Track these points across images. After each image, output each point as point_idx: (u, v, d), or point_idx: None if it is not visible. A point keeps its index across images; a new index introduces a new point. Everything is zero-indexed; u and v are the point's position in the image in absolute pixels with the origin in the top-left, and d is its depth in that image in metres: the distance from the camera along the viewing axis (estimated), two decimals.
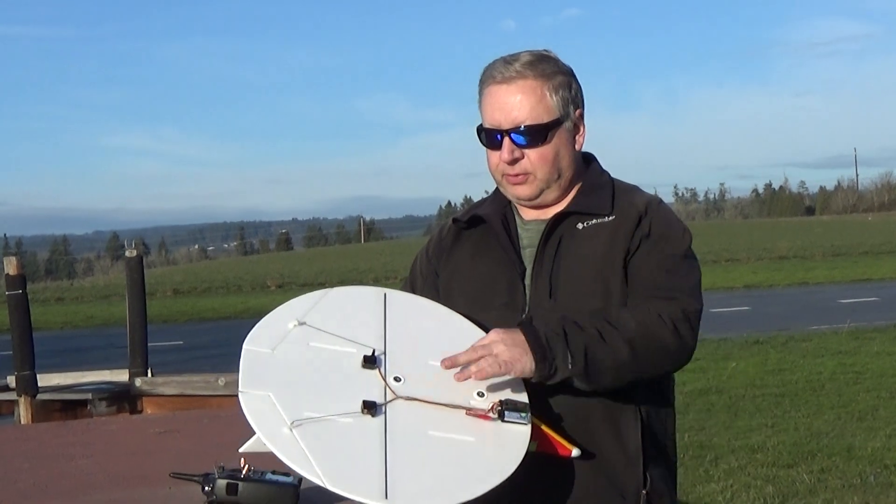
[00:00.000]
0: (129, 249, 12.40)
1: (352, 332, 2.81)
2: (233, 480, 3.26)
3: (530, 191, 2.93)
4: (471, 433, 2.66)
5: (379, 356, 2.74)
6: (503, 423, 2.67)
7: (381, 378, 2.70)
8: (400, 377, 2.72)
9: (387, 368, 2.73)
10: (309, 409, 2.62)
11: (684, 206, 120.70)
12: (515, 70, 2.86)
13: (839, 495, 8.47)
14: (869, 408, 12.27)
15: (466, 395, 2.70)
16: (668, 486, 2.92)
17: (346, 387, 2.68)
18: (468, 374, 2.64)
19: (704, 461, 9.79)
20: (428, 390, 2.70)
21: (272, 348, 2.75)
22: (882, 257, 45.50)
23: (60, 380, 11.61)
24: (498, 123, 2.88)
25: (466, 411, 2.68)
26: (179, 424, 5.46)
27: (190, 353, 23.57)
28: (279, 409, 2.61)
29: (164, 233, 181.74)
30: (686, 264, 2.88)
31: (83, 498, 3.76)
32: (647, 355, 2.74)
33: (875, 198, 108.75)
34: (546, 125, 2.86)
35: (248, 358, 2.72)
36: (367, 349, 2.74)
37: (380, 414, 2.64)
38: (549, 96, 2.87)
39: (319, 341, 2.78)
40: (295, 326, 2.80)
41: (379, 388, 2.68)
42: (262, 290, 45.60)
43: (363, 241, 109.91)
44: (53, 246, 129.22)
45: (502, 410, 2.66)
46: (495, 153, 2.91)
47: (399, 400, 2.67)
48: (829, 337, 19.38)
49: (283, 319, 2.83)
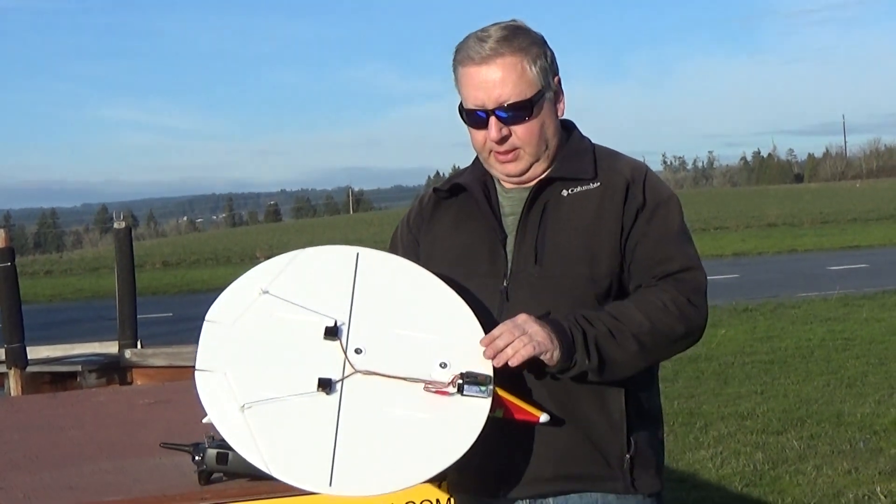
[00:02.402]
0: (118, 221, 12.35)
1: (318, 299, 2.73)
2: (223, 450, 3.25)
3: (520, 167, 2.91)
4: (427, 410, 2.61)
5: (341, 327, 2.67)
6: (462, 396, 2.62)
7: (341, 351, 2.65)
8: (361, 348, 2.66)
9: (349, 339, 2.67)
10: (264, 388, 2.58)
11: (673, 175, 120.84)
12: (490, 48, 2.83)
13: (829, 461, 8.50)
14: (858, 374, 12.30)
15: (428, 366, 2.66)
16: (653, 450, 2.93)
17: (305, 361, 2.63)
18: (505, 359, 2.63)
19: (694, 428, 9.81)
20: (388, 362, 2.64)
21: (233, 321, 2.69)
22: (870, 224, 45.58)
23: (50, 352, 11.59)
24: (482, 103, 2.86)
25: (425, 386, 2.63)
26: (169, 395, 5.45)
27: (179, 324, 23.48)
28: (233, 390, 2.58)
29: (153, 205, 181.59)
30: (685, 234, 2.90)
31: (74, 468, 3.76)
32: (656, 346, 2.79)
33: (863, 165, 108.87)
34: (530, 100, 2.85)
35: (207, 333, 2.68)
36: (329, 320, 2.68)
37: (335, 392, 2.59)
38: (529, 69, 2.86)
39: (283, 311, 2.70)
40: (259, 296, 2.73)
41: (339, 362, 2.64)
42: (251, 261, 45.23)
43: (352, 211, 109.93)
44: (42, 219, 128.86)
45: (462, 384, 2.62)
46: (480, 132, 2.89)
47: (357, 374, 2.62)
48: (818, 304, 19.42)
49: (248, 288, 2.76)
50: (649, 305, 2.76)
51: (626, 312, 2.75)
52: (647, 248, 2.84)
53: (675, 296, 2.79)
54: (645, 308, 2.76)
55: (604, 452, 2.83)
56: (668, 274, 2.83)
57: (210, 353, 2.65)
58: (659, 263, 2.83)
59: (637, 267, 2.84)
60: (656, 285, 2.82)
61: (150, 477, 3.49)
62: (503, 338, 2.64)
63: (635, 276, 2.85)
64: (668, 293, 2.79)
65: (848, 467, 8.26)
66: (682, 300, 2.79)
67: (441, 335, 2.70)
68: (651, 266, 2.83)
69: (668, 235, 2.87)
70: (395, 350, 2.67)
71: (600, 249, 2.83)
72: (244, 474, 3.27)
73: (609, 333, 2.72)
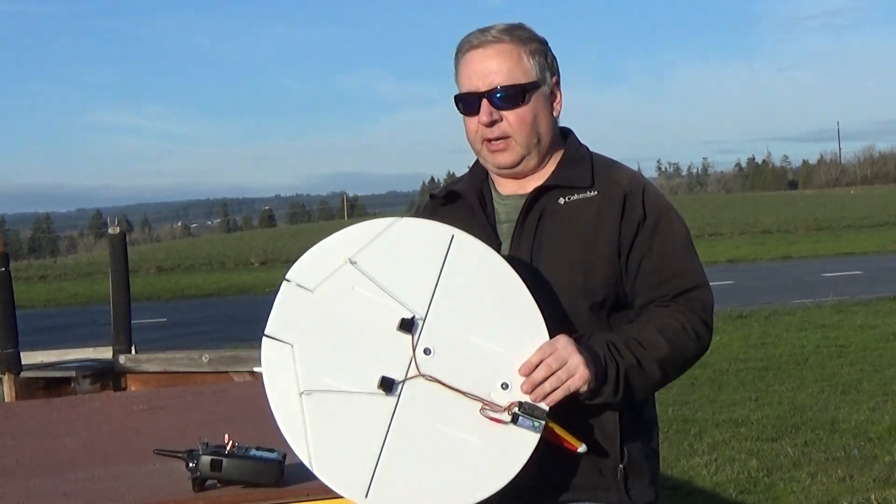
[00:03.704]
0: (112, 227, 12.32)
1: (402, 282, 2.62)
2: (217, 456, 3.24)
3: (511, 158, 2.91)
4: (478, 435, 2.58)
5: (417, 321, 2.59)
6: (514, 426, 2.59)
7: (410, 348, 2.59)
8: (430, 349, 2.60)
9: (421, 335, 2.59)
10: (326, 374, 2.54)
11: (667, 181, 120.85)
12: (492, 35, 2.87)
13: (823, 468, 8.50)
14: (852, 381, 12.31)
15: (491, 383, 2.61)
16: (648, 460, 2.92)
17: (372, 351, 2.57)
18: (542, 395, 2.62)
19: (688, 435, 9.82)
20: (453, 371, 2.59)
21: (314, 286, 2.59)
22: (865, 231, 45.65)
23: (44, 357, 11.52)
24: (475, 87, 2.87)
25: (481, 408, 2.59)
26: (163, 401, 5.45)
27: (174, 329, 23.54)
28: (296, 369, 2.53)
29: (147, 210, 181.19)
30: (691, 248, 2.93)
31: (67, 475, 3.75)
32: (674, 371, 2.83)
33: (858, 171, 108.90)
34: (523, 86, 2.86)
35: (286, 294, 2.58)
36: (407, 312, 2.59)
37: (394, 394, 2.55)
38: (526, 59, 2.87)
39: (364, 287, 2.60)
40: (345, 264, 2.62)
41: (404, 360, 2.58)
42: (246, 266, 45.54)
43: (346, 217, 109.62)
44: (36, 224, 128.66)
45: (517, 415, 2.59)
46: (473, 119, 2.90)
47: (420, 379, 2.58)
48: (813, 311, 19.45)
49: (335, 252, 2.64)
50: (670, 330, 2.79)
51: (650, 338, 2.77)
52: (654, 262, 2.84)
53: (691, 317, 2.82)
54: (667, 333, 2.78)
55: (597, 463, 2.83)
56: (679, 292, 2.84)
57: (283, 319, 2.57)
58: (669, 280, 2.84)
59: (644, 282, 2.84)
60: (670, 305, 2.83)
61: (144, 484, 3.49)
62: (541, 371, 2.61)
63: (643, 290, 2.85)
64: (685, 314, 2.82)
65: (842, 474, 8.26)
66: (696, 321, 2.83)
67: (511, 350, 2.64)
68: (660, 282, 2.84)
69: (675, 250, 2.88)
70: (463, 358, 2.61)
71: (596, 259, 2.82)
72: (238, 481, 3.27)
73: (637, 364, 2.74)
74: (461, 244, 2.68)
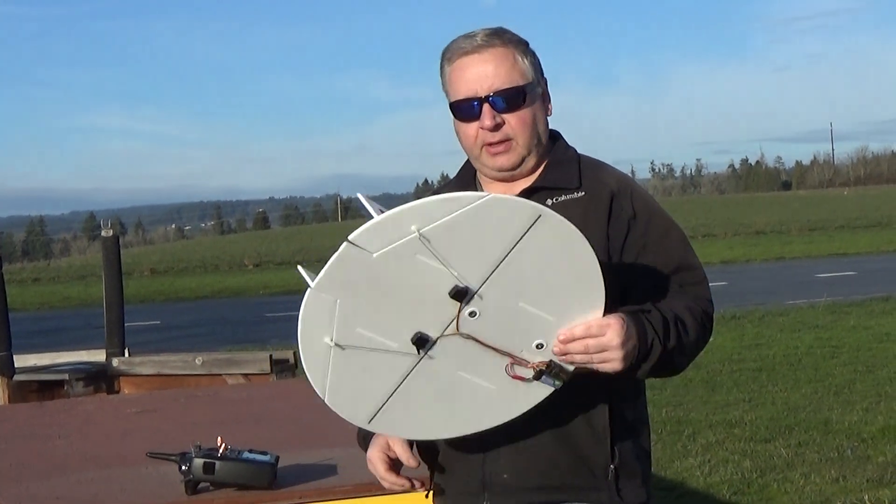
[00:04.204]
0: (106, 229, 12.33)
1: (467, 255, 2.50)
2: (209, 459, 3.24)
3: (513, 159, 2.90)
4: (495, 381, 2.59)
5: (471, 291, 2.51)
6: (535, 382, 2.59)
7: (456, 311, 2.52)
8: (476, 311, 2.53)
9: (471, 302, 2.52)
10: (363, 326, 2.51)
11: (661, 182, 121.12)
12: (482, 39, 2.84)
13: (816, 469, 8.51)
14: (846, 382, 12.33)
15: (526, 342, 2.57)
16: (639, 460, 2.91)
17: (418, 312, 2.53)
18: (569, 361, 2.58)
19: (682, 436, 9.81)
20: (493, 331, 2.55)
21: (376, 250, 2.50)
22: (858, 231, 45.73)
23: (37, 360, 11.53)
24: (474, 92, 2.85)
25: (508, 364, 2.57)
26: (157, 404, 5.45)
27: (167, 332, 23.52)
28: (334, 322, 2.50)
29: (140, 213, 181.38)
30: (687, 242, 2.92)
31: (60, 478, 3.75)
32: (687, 359, 2.81)
33: (851, 172, 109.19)
34: (523, 87, 2.85)
35: (343, 256, 2.50)
36: (463, 282, 2.49)
37: (427, 348, 2.53)
38: (521, 60, 2.86)
39: (426, 257, 2.50)
40: (411, 236, 2.48)
41: (447, 320, 2.53)
42: (240, 269, 45.55)
43: (340, 219, 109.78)
44: (29, 226, 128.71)
45: (541, 372, 2.57)
46: (472, 125, 2.88)
47: (456, 336, 2.54)
48: (806, 311, 19.48)
49: (408, 222, 2.51)
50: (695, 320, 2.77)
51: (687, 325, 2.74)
52: (652, 256, 2.84)
53: (701, 310, 2.81)
54: (695, 325, 2.76)
55: (588, 463, 2.82)
56: (688, 285, 2.85)
57: (333, 278, 2.50)
58: (676, 272, 2.85)
59: (645, 277, 2.83)
60: (681, 295, 2.83)
61: (137, 487, 3.49)
62: (577, 345, 2.56)
63: (643, 283, 2.83)
64: (698, 308, 2.80)
65: (836, 475, 8.27)
66: (706, 317, 2.82)
67: (560, 318, 2.58)
68: (664, 276, 2.83)
69: (676, 245, 2.88)
70: (507, 320, 2.57)
71: None
72: (231, 484, 3.27)
73: (675, 348, 2.71)
74: (547, 222, 2.55)
